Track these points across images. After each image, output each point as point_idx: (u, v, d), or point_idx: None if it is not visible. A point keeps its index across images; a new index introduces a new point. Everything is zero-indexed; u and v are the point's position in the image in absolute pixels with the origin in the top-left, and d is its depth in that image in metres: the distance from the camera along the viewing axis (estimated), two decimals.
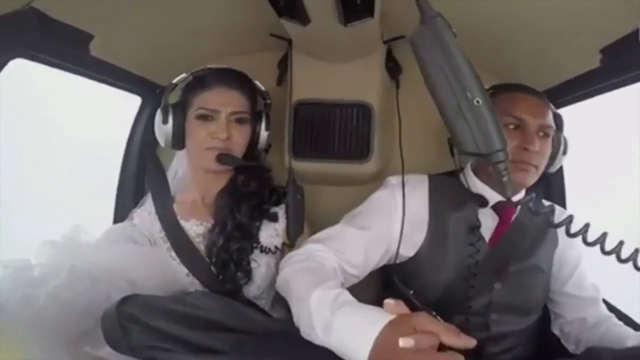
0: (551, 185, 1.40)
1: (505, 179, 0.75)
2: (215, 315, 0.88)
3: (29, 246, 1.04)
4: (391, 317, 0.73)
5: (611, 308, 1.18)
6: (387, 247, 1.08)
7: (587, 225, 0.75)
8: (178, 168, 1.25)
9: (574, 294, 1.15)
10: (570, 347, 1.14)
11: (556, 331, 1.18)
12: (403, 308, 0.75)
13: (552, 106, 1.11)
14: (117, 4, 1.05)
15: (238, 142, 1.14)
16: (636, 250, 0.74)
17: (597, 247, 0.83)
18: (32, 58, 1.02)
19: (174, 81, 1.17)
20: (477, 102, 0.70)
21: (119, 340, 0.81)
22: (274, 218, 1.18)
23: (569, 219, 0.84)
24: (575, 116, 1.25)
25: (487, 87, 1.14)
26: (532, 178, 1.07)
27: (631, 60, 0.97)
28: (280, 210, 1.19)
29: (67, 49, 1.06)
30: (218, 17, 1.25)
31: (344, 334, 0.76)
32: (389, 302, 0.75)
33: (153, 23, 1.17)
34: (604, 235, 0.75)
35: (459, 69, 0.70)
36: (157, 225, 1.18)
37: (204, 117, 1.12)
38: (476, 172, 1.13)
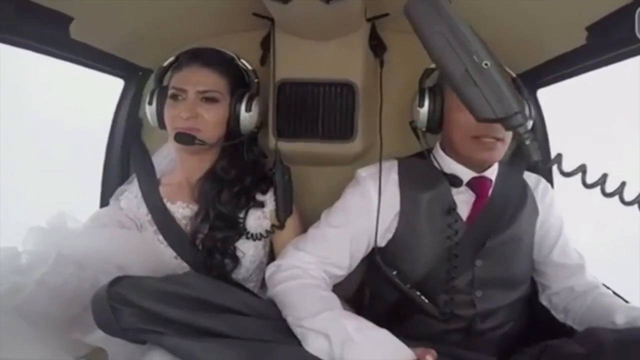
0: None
1: (528, 142, 0.70)
2: (207, 294, 0.89)
3: (17, 233, 1.05)
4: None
5: None
6: (369, 240, 1.09)
7: (583, 166, 0.70)
8: (171, 149, 1.24)
9: (559, 262, 1.16)
10: (560, 317, 1.16)
11: (545, 302, 1.20)
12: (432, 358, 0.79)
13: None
14: None
15: (208, 122, 1.11)
16: (622, 184, 0.70)
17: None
18: (12, 43, 1.00)
19: (165, 63, 1.17)
20: (486, 64, 0.67)
21: (109, 323, 0.81)
22: (260, 205, 1.18)
23: (559, 158, 0.77)
24: (560, 95, 1.25)
25: None
26: (500, 154, 1.06)
27: (618, 38, 0.96)
28: (268, 196, 1.18)
29: (46, 32, 1.04)
30: None
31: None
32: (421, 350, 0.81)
33: (134, 5, 1.14)
34: (605, 177, 0.70)
35: (461, 33, 0.67)
36: (144, 209, 1.18)
37: (174, 97, 1.12)
38: (445, 150, 1.13)
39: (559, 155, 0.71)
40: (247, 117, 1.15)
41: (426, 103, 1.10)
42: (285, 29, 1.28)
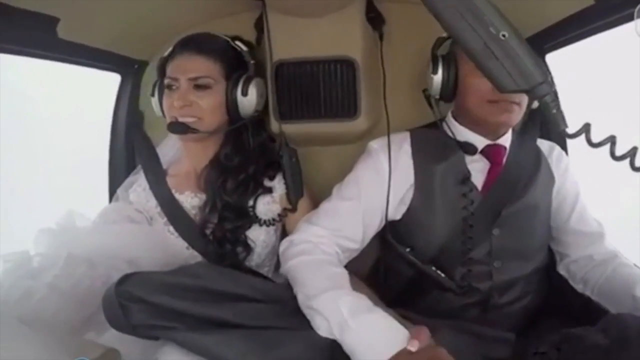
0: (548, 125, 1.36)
1: (555, 111, 0.68)
2: (218, 284, 0.89)
3: (27, 237, 1.06)
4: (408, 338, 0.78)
5: None
6: (382, 213, 1.08)
7: (613, 137, 0.68)
8: (175, 139, 1.23)
9: (577, 229, 1.13)
10: (578, 287, 1.13)
11: (563, 272, 1.17)
12: (425, 337, 0.78)
13: None
14: None
15: (204, 109, 1.09)
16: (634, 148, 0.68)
17: None
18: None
19: (165, 54, 1.15)
20: (504, 35, 0.64)
21: (120, 320, 0.81)
22: (269, 191, 1.16)
23: (587, 127, 0.73)
24: (568, 59, 1.19)
25: None
26: (517, 117, 1.04)
27: None
28: (276, 181, 1.16)
29: (33, 35, 1.03)
30: None
31: (357, 345, 0.81)
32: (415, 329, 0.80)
33: None
34: (635, 150, 0.67)
35: (473, 5, 0.64)
36: (153, 201, 1.18)
37: (169, 87, 1.11)
38: (458, 119, 1.11)
39: (587, 125, 0.69)
40: (244, 100, 1.13)
41: (440, 70, 1.07)
42: (277, 8, 1.24)
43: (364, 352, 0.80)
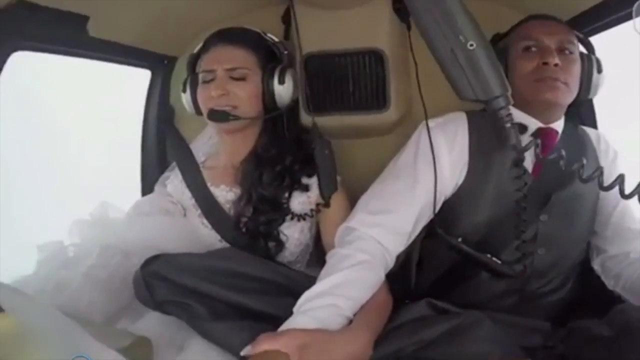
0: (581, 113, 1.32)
1: (508, 125, 0.73)
2: (245, 266, 0.92)
3: (63, 231, 1.08)
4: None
5: None
6: (439, 193, 1.04)
7: (621, 177, 0.73)
8: (212, 132, 1.24)
9: (619, 223, 1.10)
10: (610, 283, 1.11)
11: (597, 267, 1.14)
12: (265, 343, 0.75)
13: (575, 31, 1.07)
14: None
15: (242, 98, 1.09)
16: None
17: None
18: (32, 49, 1.02)
19: (195, 50, 1.16)
20: (471, 45, 0.67)
21: (146, 297, 0.87)
22: (305, 189, 1.13)
23: (600, 172, 0.80)
24: (603, 44, 1.15)
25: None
26: (565, 96, 1.03)
27: None
28: (313, 180, 1.13)
29: (64, 34, 1.05)
30: None
31: None
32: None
33: None
34: None
35: (449, 12, 0.67)
36: (188, 193, 1.18)
37: (205, 79, 1.11)
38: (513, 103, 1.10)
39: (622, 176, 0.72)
40: (282, 89, 1.12)
41: None
42: (304, 1, 1.23)
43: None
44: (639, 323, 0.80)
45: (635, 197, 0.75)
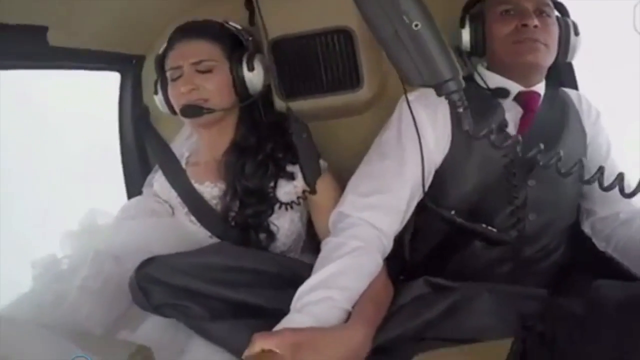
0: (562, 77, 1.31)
1: (461, 109, 0.69)
2: (240, 260, 0.92)
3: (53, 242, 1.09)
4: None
5: None
6: (428, 166, 1.03)
7: (621, 175, 0.70)
8: (189, 129, 1.24)
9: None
10: (601, 245, 1.12)
11: (587, 229, 1.15)
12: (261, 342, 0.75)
13: None
14: None
15: (211, 91, 1.08)
16: None
17: None
18: None
19: (160, 50, 1.15)
20: (416, 25, 0.62)
21: (143, 302, 0.87)
22: (290, 177, 1.13)
23: (601, 171, 0.77)
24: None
25: None
26: (545, 57, 1.04)
27: None
28: (297, 168, 1.13)
29: (24, 47, 1.04)
30: None
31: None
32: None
33: None
34: None
35: None
36: (174, 191, 1.18)
37: (173, 78, 1.10)
38: (491, 69, 1.10)
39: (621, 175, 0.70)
40: (252, 76, 1.12)
41: (467, 24, 1.11)
42: None
43: None
44: (612, 300, 0.78)
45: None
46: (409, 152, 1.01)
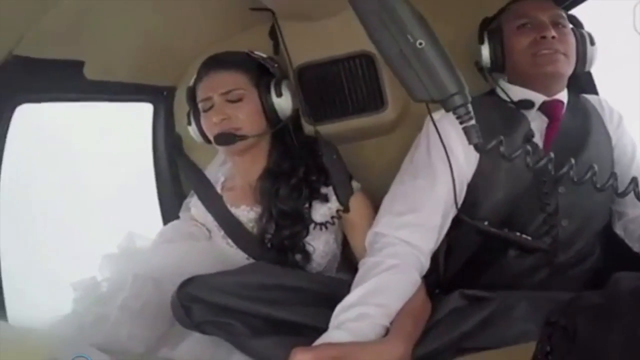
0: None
1: (468, 124, 0.70)
2: (280, 278, 0.94)
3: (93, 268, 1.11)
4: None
5: None
6: (462, 183, 1.04)
7: (635, 180, 0.70)
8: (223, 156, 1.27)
9: None
10: (635, 246, 1.10)
11: (619, 231, 1.14)
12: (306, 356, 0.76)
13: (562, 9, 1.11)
14: (94, 25, 1.06)
15: (243, 120, 1.11)
16: None
17: None
18: (35, 100, 1.06)
19: (190, 83, 1.20)
20: (420, 44, 0.64)
21: (185, 320, 0.89)
22: (324, 199, 1.14)
23: (635, 182, 0.75)
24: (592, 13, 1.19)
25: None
26: (565, 66, 1.06)
27: None
28: (331, 190, 1.14)
29: (62, 82, 1.09)
30: (200, 6, 1.25)
31: None
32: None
33: (136, 31, 1.18)
34: None
35: (394, 11, 0.64)
36: (210, 215, 1.21)
37: (205, 108, 1.14)
38: (513, 82, 1.12)
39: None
40: (281, 101, 1.14)
41: (486, 40, 1.14)
42: (286, 16, 1.26)
43: None
44: (627, 287, 0.78)
45: None
46: (439, 170, 1.01)
